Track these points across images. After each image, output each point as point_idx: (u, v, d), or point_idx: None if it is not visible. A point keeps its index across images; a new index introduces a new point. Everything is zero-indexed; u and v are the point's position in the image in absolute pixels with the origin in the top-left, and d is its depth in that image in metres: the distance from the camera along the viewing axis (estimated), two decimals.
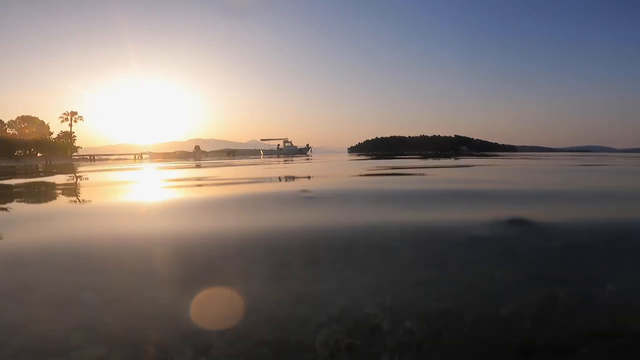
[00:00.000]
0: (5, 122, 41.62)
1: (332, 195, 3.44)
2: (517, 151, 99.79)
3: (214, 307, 1.11)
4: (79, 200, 3.71)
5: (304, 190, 3.54)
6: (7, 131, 40.87)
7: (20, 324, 1.00)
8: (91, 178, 6.83)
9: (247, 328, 0.96)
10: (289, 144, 49.29)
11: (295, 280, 1.28)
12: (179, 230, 2.02)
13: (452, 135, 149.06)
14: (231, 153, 48.85)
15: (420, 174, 6.07)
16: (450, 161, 11.56)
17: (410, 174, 6.08)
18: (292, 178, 5.78)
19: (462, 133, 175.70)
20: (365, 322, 0.96)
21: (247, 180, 5.42)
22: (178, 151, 46.47)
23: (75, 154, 43.81)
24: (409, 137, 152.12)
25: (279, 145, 49.66)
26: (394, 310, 1.02)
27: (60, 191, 4.60)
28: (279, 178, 5.94)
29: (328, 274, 1.31)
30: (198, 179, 6.02)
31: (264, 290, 1.19)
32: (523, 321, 0.94)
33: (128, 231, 2.04)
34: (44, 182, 6.12)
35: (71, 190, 4.68)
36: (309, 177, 5.78)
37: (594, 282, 1.19)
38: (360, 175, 6.01)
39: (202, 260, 1.49)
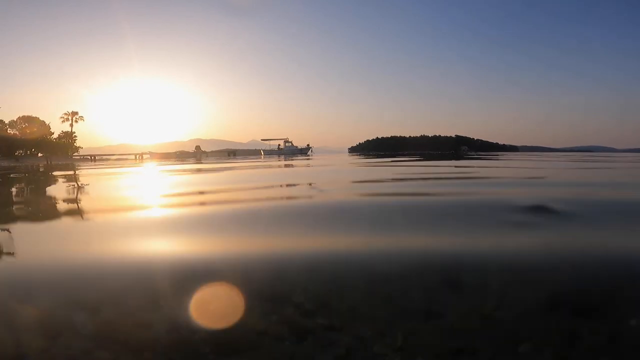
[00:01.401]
0: (6, 122, 41.67)
1: None
2: (518, 151, 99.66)
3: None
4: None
5: None
6: (8, 131, 40.91)
7: None
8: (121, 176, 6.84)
9: None
10: (290, 144, 49.26)
11: None
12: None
13: (453, 135, 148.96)
14: (232, 153, 48.82)
15: None
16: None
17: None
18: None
19: (463, 133, 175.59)
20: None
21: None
22: (179, 151, 46.45)
23: (76, 154, 43.81)
24: (410, 137, 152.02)
25: (279, 145, 49.62)
26: None
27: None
28: None
29: None
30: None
31: None
32: None
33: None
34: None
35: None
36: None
37: None
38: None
39: None
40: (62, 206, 3.22)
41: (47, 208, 3.11)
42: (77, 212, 2.80)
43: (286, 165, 8.45)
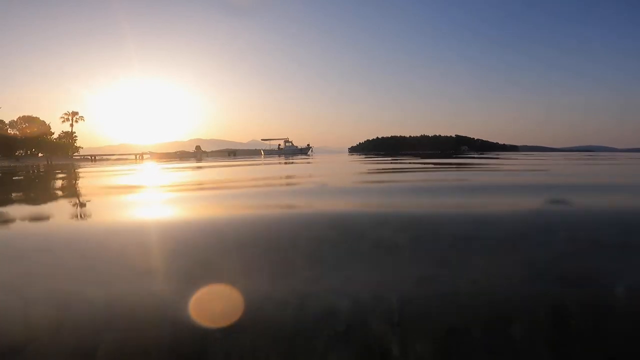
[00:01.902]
0: (6, 122, 41.65)
1: None
2: (519, 151, 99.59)
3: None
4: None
5: None
6: (8, 131, 40.89)
7: None
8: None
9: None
10: (290, 143, 49.26)
11: None
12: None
13: (453, 135, 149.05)
14: (232, 153, 48.80)
15: None
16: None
17: None
18: None
19: (463, 133, 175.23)
20: None
21: None
22: (179, 151, 46.43)
23: (76, 154, 43.81)
24: (410, 137, 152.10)
25: (279, 145, 49.62)
26: None
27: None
28: None
29: None
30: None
31: None
32: None
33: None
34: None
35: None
36: None
37: None
38: None
39: None
40: (75, 197, 3.28)
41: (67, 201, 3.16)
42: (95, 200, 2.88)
43: (287, 163, 8.51)
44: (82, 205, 2.66)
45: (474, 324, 0.70)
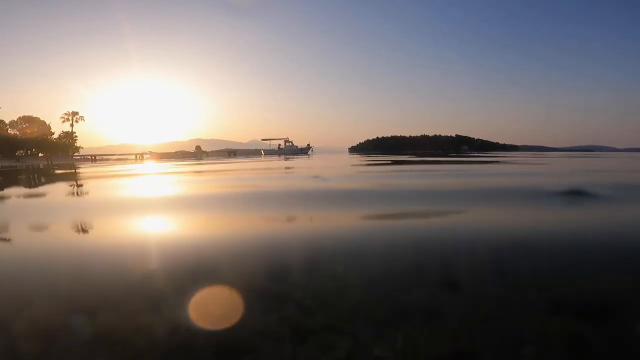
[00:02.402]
0: (7, 122, 41.59)
1: None
2: (519, 150, 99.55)
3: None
4: None
5: None
6: (9, 131, 40.84)
7: None
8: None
9: None
10: (290, 143, 49.20)
11: None
12: None
13: (453, 135, 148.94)
14: (232, 153, 48.77)
15: None
16: None
17: None
18: None
19: (463, 133, 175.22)
20: None
21: None
22: (179, 151, 46.36)
23: (76, 154, 43.75)
24: (410, 136, 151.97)
25: (279, 145, 49.57)
26: None
27: None
28: None
29: None
30: None
31: None
32: None
33: None
34: None
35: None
36: None
37: None
38: None
39: None
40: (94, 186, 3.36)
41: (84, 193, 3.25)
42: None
43: (287, 161, 8.64)
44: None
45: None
